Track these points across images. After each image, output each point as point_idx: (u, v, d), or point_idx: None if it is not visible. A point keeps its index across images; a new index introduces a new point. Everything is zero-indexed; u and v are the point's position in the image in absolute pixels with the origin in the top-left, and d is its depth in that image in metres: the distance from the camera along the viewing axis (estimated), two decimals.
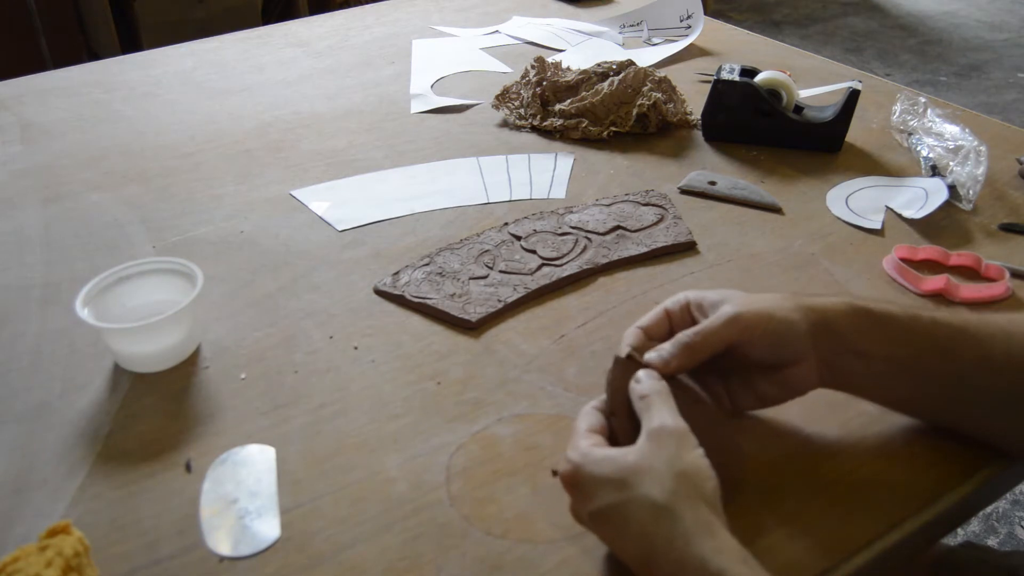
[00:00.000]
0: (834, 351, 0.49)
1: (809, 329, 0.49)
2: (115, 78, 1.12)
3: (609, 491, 0.42)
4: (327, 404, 0.58)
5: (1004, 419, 0.51)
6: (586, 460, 0.44)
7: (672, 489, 0.41)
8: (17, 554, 0.42)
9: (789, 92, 0.90)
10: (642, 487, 0.41)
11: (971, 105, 2.77)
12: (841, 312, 0.50)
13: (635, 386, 0.47)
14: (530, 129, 0.97)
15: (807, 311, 0.50)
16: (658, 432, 0.43)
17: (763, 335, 0.49)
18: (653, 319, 0.52)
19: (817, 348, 0.49)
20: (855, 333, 0.49)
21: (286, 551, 0.48)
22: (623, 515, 0.42)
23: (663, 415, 0.44)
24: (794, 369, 0.50)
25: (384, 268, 0.72)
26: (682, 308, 0.52)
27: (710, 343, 0.49)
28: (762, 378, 0.51)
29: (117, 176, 0.87)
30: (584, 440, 0.45)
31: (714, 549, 0.39)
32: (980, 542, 1.37)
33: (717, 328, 0.49)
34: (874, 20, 3.70)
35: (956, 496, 0.51)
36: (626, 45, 1.23)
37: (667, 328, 0.52)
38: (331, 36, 1.27)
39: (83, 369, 0.61)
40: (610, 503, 0.42)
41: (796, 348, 0.49)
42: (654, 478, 0.41)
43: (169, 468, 0.53)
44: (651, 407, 0.45)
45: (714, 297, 0.51)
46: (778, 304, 0.50)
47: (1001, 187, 0.84)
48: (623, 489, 0.42)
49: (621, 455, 0.43)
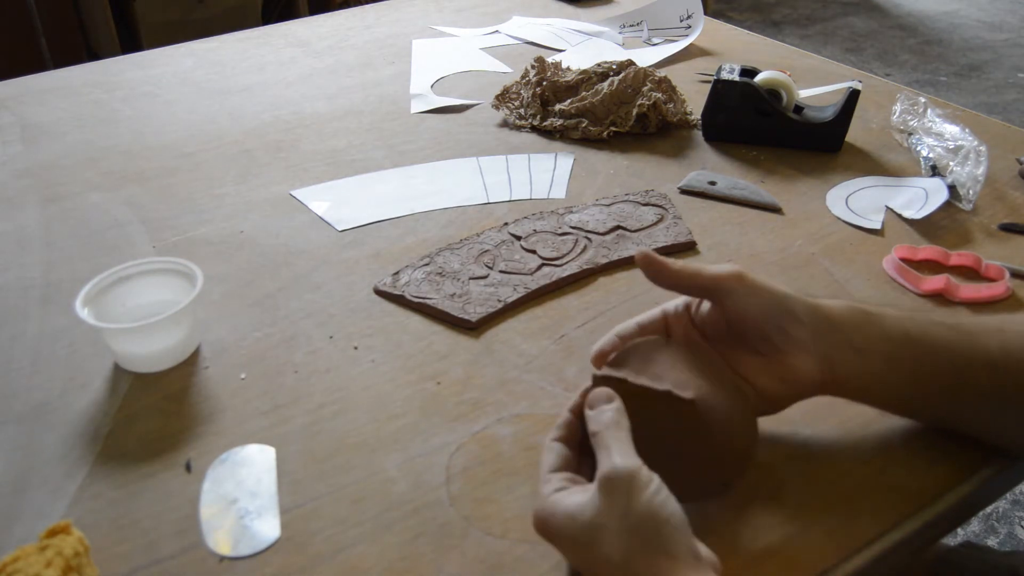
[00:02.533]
0: (833, 345, 0.49)
1: (809, 320, 0.49)
2: (115, 78, 1.12)
3: (575, 551, 0.43)
4: (327, 404, 0.58)
5: (1003, 419, 0.51)
6: (549, 515, 0.43)
7: (626, 546, 0.40)
8: (17, 554, 0.42)
9: (789, 92, 0.90)
10: (601, 547, 0.41)
11: (971, 105, 2.77)
12: (840, 309, 0.50)
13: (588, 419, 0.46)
14: (530, 129, 0.97)
15: (807, 303, 0.50)
16: (608, 481, 0.42)
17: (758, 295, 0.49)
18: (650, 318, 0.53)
19: (816, 341, 0.49)
20: (853, 329, 0.49)
21: (286, 551, 0.48)
22: (592, 571, 0.42)
23: (613, 456, 0.43)
24: (793, 359, 0.49)
25: (384, 268, 0.72)
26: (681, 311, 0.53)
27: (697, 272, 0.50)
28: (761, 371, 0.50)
29: (117, 176, 0.87)
30: (546, 486, 0.45)
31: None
32: (980, 542, 1.37)
33: (717, 271, 0.49)
34: (874, 20, 3.70)
35: (956, 496, 0.51)
36: (626, 45, 1.23)
37: (663, 329, 0.53)
38: (331, 36, 1.27)
39: (83, 369, 0.61)
40: (578, 559, 0.43)
41: (794, 330, 0.49)
42: (610, 536, 0.41)
43: (169, 468, 0.53)
44: (602, 446, 0.44)
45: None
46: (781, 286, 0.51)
47: (1001, 187, 0.84)
48: (585, 549, 0.42)
49: (579, 511, 0.42)
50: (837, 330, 0.49)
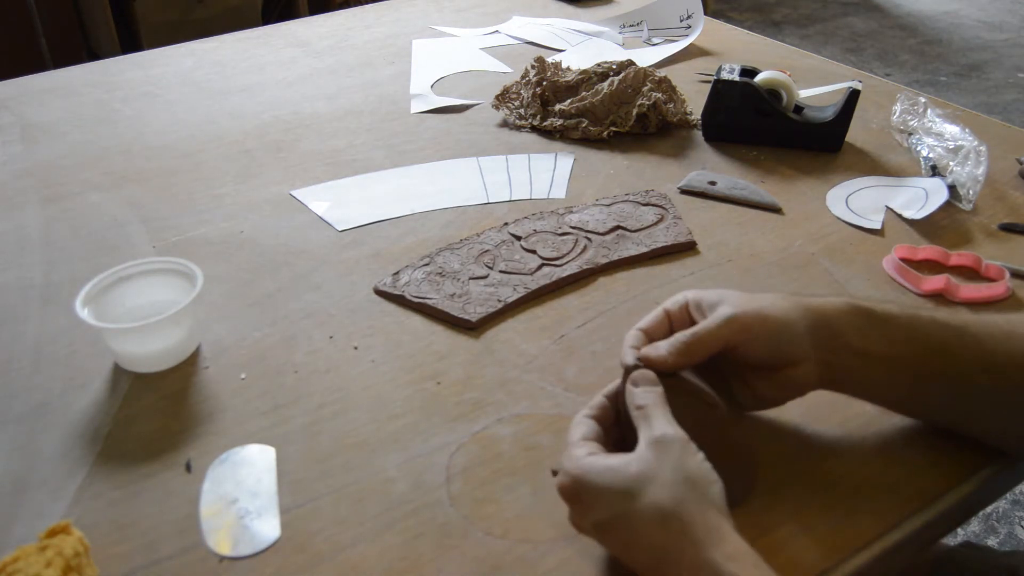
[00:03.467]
0: (833, 351, 0.49)
1: (808, 329, 0.49)
2: (115, 78, 1.12)
3: (614, 502, 0.42)
4: (327, 404, 0.58)
5: (1004, 419, 0.51)
6: (586, 471, 0.43)
7: (680, 495, 0.40)
8: (17, 554, 0.42)
9: (789, 92, 0.90)
10: (649, 495, 0.41)
11: (971, 105, 2.77)
12: (841, 312, 0.50)
13: (632, 394, 0.47)
14: (530, 129, 0.96)
15: (806, 311, 0.49)
16: (660, 440, 0.43)
17: (760, 335, 0.49)
18: (653, 320, 0.52)
19: (817, 348, 0.49)
20: (855, 333, 0.49)
21: (286, 551, 0.48)
22: (631, 525, 0.41)
23: (662, 425, 0.44)
24: (793, 370, 0.49)
25: (384, 268, 0.72)
26: (681, 308, 0.52)
27: (707, 343, 0.49)
28: (761, 379, 0.51)
29: (117, 176, 0.87)
30: (579, 449, 0.45)
31: (726, 555, 0.39)
32: (980, 542, 1.37)
33: (714, 329, 0.48)
34: (874, 20, 3.70)
35: (956, 496, 0.51)
36: (626, 45, 1.23)
37: (667, 329, 0.52)
38: (331, 36, 1.27)
39: (83, 369, 0.61)
40: (616, 513, 0.42)
41: (794, 348, 0.49)
42: (660, 485, 0.41)
43: (169, 468, 0.53)
44: (649, 417, 0.45)
45: (712, 297, 0.51)
46: (776, 304, 0.50)
47: (1001, 187, 0.84)
48: (629, 499, 0.41)
49: (623, 464, 0.43)
50: (837, 335, 0.49)
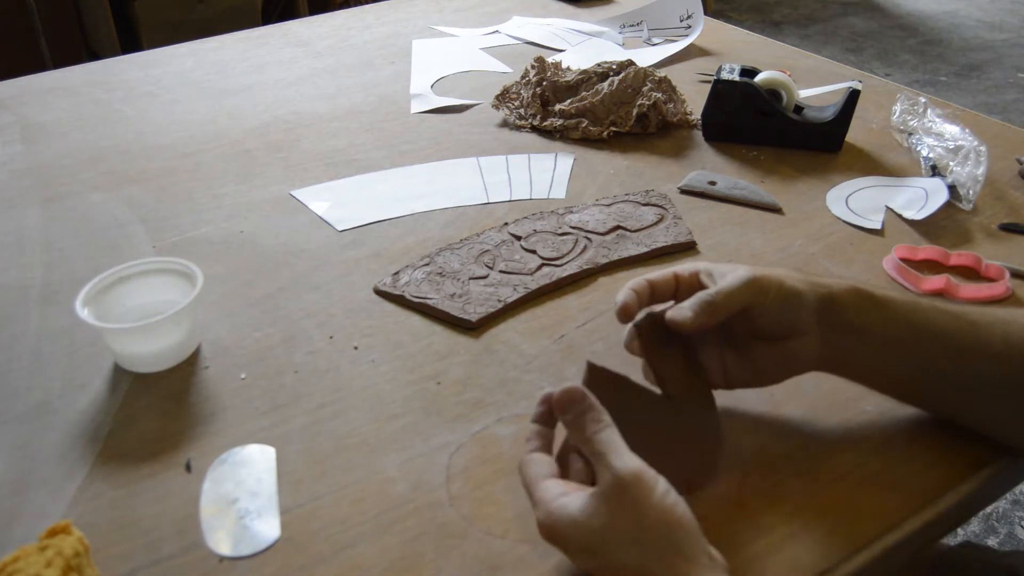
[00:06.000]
0: (834, 326, 0.50)
1: (815, 302, 0.50)
2: (115, 78, 1.12)
3: (585, 557, 0.42)
4: (327, 404, 0.58)
5: (1003, 408, 0.51)
6: (555, 522, 0.42)
7: (642, 553, 0.40)
8: (17, 554, 0.42)
9: (789, 92, 0.90)
10: (615, 554, 0.41)
11: (971, 105, 2.77)
12: (844, 290, 0.51)
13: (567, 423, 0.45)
14: (530, 129, 0.96)
15: (813, 286, 0.51)
16: (613, 488, 0.41)
17: (776, 300, 0.50)
18: (661, 277, 0.53)
19: (819, 322, 0.50)
20: (856, 311, 0.50)
21: (286, 551, 0.48)
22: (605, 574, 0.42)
23: (611, 461, 0.42)
24: (796, 342, 0.50)
25: (384, 268, 0.72)
26: (692, 275, 0.53)
27: (729, 302, 0.49)
28: (762, 350, 0.52)
29: (117, 176, 0.87)
30: (546, 493, 0.43)
31: None
32: (980, 542, 1.37)
33: (736, 288, 0.50)
34: (874, 20, 3.70)
35: (957, 496, 0.51)
36: (626, 45, 1.23)
37: (673, 289, 0.53)
38: (331, 36, 1.27)
39: (83, 369, 0.61)
40: (590, 568, 0.43)
41: (801, 319, 0.50)
42: (622, 544, 0.40)
43: (169, 468, 0.53)
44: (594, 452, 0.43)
45: (725, 268, 0.52)
46: (788, 275, 0.51)
47: (1001, 187, 0.84)
48: (597, 555, 0.41)
49: (586, 518, 0.41)
50: (839, 311, 0.50)
